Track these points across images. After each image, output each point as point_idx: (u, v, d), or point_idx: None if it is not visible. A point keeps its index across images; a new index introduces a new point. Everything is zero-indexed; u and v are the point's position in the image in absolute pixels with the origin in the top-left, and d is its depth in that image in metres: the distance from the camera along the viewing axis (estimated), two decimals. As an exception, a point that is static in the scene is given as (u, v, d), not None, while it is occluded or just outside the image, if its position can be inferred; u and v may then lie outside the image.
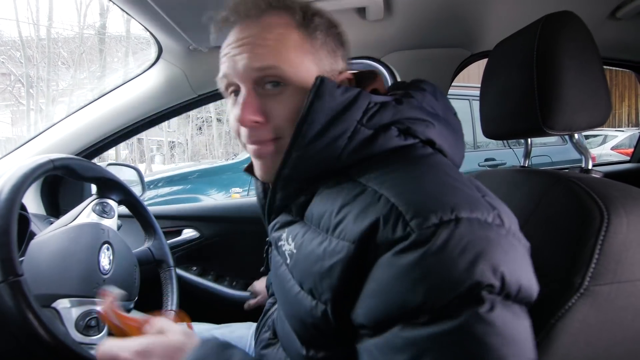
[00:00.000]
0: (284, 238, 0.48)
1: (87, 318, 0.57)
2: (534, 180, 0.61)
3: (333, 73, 0.49)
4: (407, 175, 0.39)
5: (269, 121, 0.46)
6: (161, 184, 3.04)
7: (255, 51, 0.45)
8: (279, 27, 0.46)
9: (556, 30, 0.58)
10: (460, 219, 0.32)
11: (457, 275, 0.30)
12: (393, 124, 0.43)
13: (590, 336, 0.47)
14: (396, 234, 0.33)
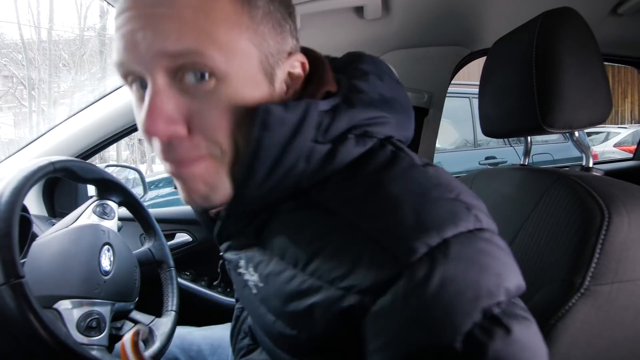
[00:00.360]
0: (243, 265, 0.41)
1: (89, 319, 0.57)
2: (534, 178, 0.60)
3: (280, 58, 0.36)
4: (378, 196, 0.32)
5: (194, 132, 0.33)
6: (162, 184, 3.04)
7: (166, 26, 0.30)
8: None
9: (555, 27, 0.57)
10: (448, 240, 0.28)
11: (463, 314, 0.27)
12: (349, 132, 0.36)
13: (591, 336, 0.47)
14: (385, 275, 0.28)
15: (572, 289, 0.45)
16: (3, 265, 0.46)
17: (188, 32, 0.30)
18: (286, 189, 0.36)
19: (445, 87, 1.14)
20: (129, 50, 0.32)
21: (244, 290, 0.42)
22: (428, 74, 1.12)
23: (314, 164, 0.35)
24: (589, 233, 0.46)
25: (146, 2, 0.31)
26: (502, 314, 0.27)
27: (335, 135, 0.36)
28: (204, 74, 0.32)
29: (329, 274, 0.31)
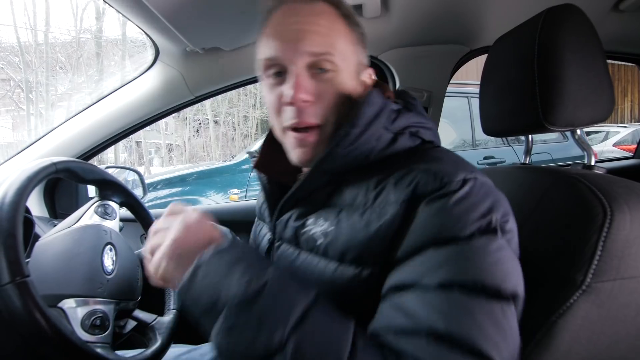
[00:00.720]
0: (311, 223, 0.52)
1: (93, 317, 0.58)
2: (535, 177, 0.60)
3: (362, 66, 0.55)
4: (427, 157, 0.48)
5: (317, 102, 0.51)
6: (160, 186, 3.04)
7: (312, 36, 0.49)
8: (329, 15, 0.51)
9: (558, 24, 0.57)
10: (477, 177, 0.44)
11: (480, 214, 0.42)
12: (406, 128, 0.52)
13: (592, 333, 0.47)
14: (434, 186, 0.43)
15: (574, 286, 0.46)
16: (8, 265, 0.47)
17: (325, 41, 0.50)
18: (361, 157, 0.50)
19: (445, 85, 1.14)
20: (283, 49, 0.50)
21: (298, 258, 0.53)
22: (427, 72, 1.12)
23: (381, 144, 0.50)
24: (591, 230, 0.46)
25: (296, 21, 0.50)
26: (493, 228, 0.42)
27: (397, 128, 0.51)
28: (324, 68, 0.50)
29: (392, 197, 0.45)
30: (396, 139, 0.51)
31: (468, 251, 0.40)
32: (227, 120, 12.50)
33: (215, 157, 11.65)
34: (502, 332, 0.38)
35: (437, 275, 0.39)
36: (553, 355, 0.47)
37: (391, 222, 0.44)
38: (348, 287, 0.46)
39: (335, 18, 0.52)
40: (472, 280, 0.39)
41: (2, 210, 0.50)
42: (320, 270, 0.48)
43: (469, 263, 0.40)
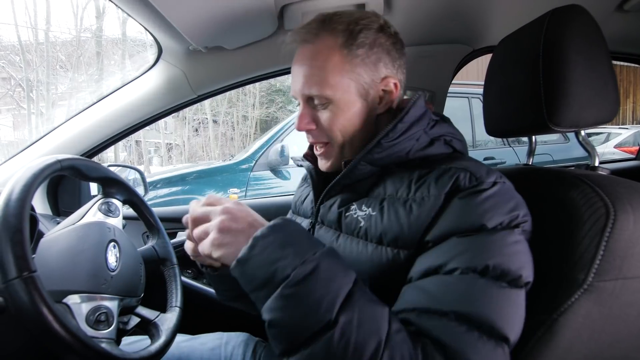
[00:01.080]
0: (354, 209, 0.59)
1: (97, 313, 0.58)
2: (539, 178, 0.60)
3: (373, 83, 0.60)
4: (464, 161, 0.55)
5: (318, 128, 0.61)
6: (160, 185, 3.04)
7: (306, 79, 0.58)
8: (324, 53, 0.57)
9: (563, 25, 0.57)
10: (505, 182, 0.51)
11: (506, 210, 0.48)
12: (442, 136, 0.60)
13: (593, 331, 0.47)
14: (470, 184, 0.50)
15: (576, 285, 0.46)
16: (15, 260, 0.47)
17: (315, 83, 0.58)
18: (403, 153, 0.58)
19: (447, 85, 1.14)
20: (292, 88, 0.62)
21: (338, 239, 0.60)
22: (430, 72, 1.12)
23: (419, 145, 0.58)
24: (594, 230, 0.46)
25: (298, 64, 0.60)
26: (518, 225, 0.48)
27: (434, 134, 0.60)
28: (320, 101, 0.59)
29: (433, 191, 0.51)
30: (433, 143, 0.59)
31: (491, 240, 0.46)
32: (226, 120, 12.50)
33: (214, 156, 11.65)
34: (516, 314, 0.44)
35: (461, 261, 0.45)
36: (554, 352, 0.47)
37: (430, 211, 0.50)
38: (385, 267, 0.52)
39: (332, 52, 0.57)
40: (492, 266, 0.44)
41: (9, 207, 0.50)
42: (359, 249, 0.55)
43: (492, 251, 0.45)
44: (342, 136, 0.60)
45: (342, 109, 0.59)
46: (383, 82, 0.60)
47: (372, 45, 0.58)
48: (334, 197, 0.63)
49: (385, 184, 0.58)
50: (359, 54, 0.58)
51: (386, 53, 0.59)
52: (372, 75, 0.59)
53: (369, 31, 0.58)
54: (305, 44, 0.59)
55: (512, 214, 0.47)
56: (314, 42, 0.58)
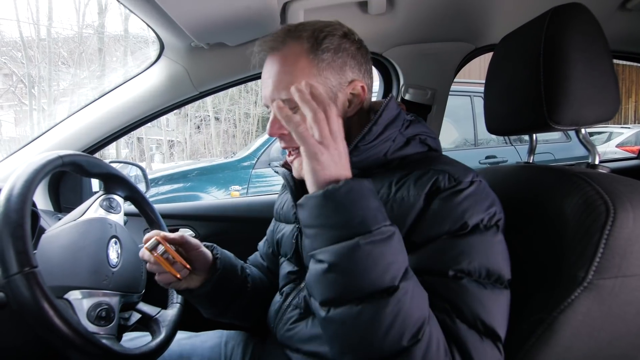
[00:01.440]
0: None
1: (98, 309, 0.58)
2: (539, 176, 0.60)
3: (341, 87, 0.60)
4: (441, 161, 0.57)
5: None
6: (161, 182, 3.05)
7: (275, 84, 0.59)
8: (291, 58, 0.58)
9: (564, 23, 0.57)
10: (481, 180, 0.53)
11: (484, 207, 0.50)
12: (417, 135, 0.62)
13: (593, 329, 0.47)
14: (449, 184, 0.51)
15: (575, 283, 0.46)
16: (17, 255, 0.47)
17: (283, 87, 0.58)
18: (381, 155, 0.59)
19: (449, 83, 1.14)
20: (263, 95, 0.62)
21: None
22: (432, 70, 1.12)
23: (396, 145, 0.60)
24: (594, 228, 0.46)
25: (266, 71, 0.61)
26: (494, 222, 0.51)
27: (409, 134, 0.61)
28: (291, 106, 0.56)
29: (413, 191, 0.53)
30: (409, 143, 0.61)
31: (476, 241, 0.48)
32: (228, 117, 12.50)
33: (216, 153, 11.66)
34: (504, 313, 0.47)
35: (447, 263, 0.48)
36: (554, 350, 0.47)
37: (410, 210, 0.52)
38: None
39: (299, 57, 0.58)
40: (478, 267, 0.47)
41: (10, 202, 0.50)
42: None
43: (476, 252, 0.48)
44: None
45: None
46: (350, 85, 0.61)
47: (337, 50, 0.59)
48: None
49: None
50: (325, 59, 0.59)
51: (351, 57, 0.60)
52: (339, 78, 0.60)
53: (333, 37, 0.59)
54: (273, 51, 0.60)
55: (490, 211, 0.51)
56: (280, 49, 0.59)
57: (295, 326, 0.63)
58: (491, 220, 0.50)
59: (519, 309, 0.50)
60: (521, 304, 0.50)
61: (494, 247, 0.49)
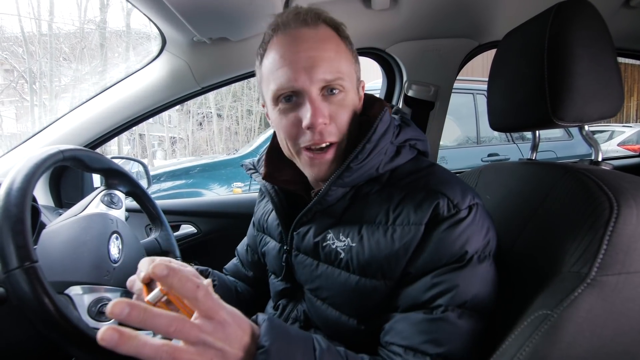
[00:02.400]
0: (330, 238, 0.57)
1: (99, 305, 0.58)
2: (542, 172, 0.60)
3: (359, 80, 0.59)
4: (435, 179, 0.54)
5: (332, 122, 0.54)
6: (164, 179, 3.05)
7: (323, 63, 0.52)
8: (334, 39, 0.54)
9: (569, 19, 0.57)
10: (477, 203, 0.52)
11: (482, 237, 0.51)
12: (407, 142, 0.59)
13: (596, 326, 0.46)
14: (448, 212, 0.50)
15: (578, 279, 0.46)
16: (17, 250, 0.47)
17: (334, 68, 0.53)
18: (372, 170, 0.55)
19: (452, 80, 1.14)
20: (299, 77, 0.52)
21: (318, 268, 0.58)
22: (435, 66, 1.11)
23: (387, 157, 0.56)
24: (598, 225, 0.46)
25: (307, 48, 0.52)
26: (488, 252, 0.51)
27: (399, 142, 0.58)
28: (335, 89, 0.54)
29: (413, 219, 0.51)
30: (399, 152, 0.58)
31: (468, 274, 0.49)
32: (231, 114, 12.50)
33: (218, 150, 11.68)
34: (480, 344, 0.49)
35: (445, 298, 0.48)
36: (556, 346, 0.47)
37: (412, 240, 0.50)
38: (370, 296, 0.53)
39: (339, 41, 0.55)
40: (466, 299, 0.48)
41: (10, 196, 0.50)
42: (342, 281, 0.55)
43: (470, 285, 0.49)
44: (349, 132, 0.56)
45: (350, 101, 0.56)
46: (361, 84, 0.60)
47: (352, 43, 0.59)
48: (307, 224, 0.60)
49: (360, 205, 0.57)
50: (353, 49, 0.58)
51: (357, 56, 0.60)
52: (359, 73, 0.59)
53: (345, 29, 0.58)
54: (307, 27, 0.53)
55: (486, 240, 0.51)
56: (317, 27, 0.53)
57: None
58: (485, 250, 0.51)
59: (522, 305, 0.50)
60: (524, 300, 0.50)
61: (485, 278, 0.50)
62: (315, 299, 0.60)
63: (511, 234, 0.59)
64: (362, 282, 0.53)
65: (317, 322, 0.60)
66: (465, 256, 0.49)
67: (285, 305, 0.67)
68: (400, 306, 0.51)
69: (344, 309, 0.56)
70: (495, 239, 0.53)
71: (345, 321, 0.56)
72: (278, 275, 0.68)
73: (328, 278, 0.57)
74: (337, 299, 0.56)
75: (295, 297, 0.66)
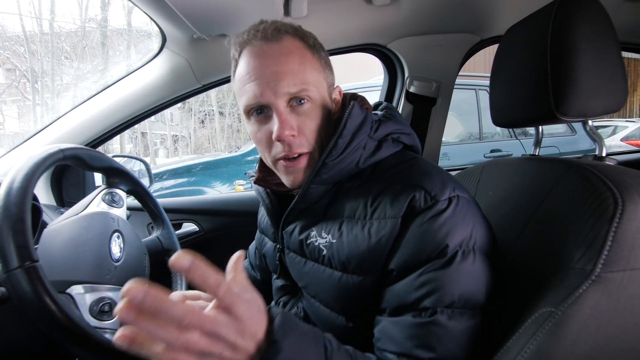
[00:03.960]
0: (314, 236, 0.57)
1: (101, 304, 0.58)
2: (545, 168, 0.60)
3: (332, 86, 0.60)
4: (414, 172, 0.54)
5: (301, 133, 0.55)
6: (166, 177, 3.05)
7: (287, 77, 0.53)
8: (297, 50, 0.54)
9: (572, 13, 0.56)
10: (458, 195, 0.51)
11: (463, 229, 0.49)
12: (388, 135, 0.58)
13: (600, 323, 0.46)
14: (425, 205, 0.49)
15: (583, 276, 0.45)
16: (17, 249, 0.46)
17: (298, 80, 0.53)
18: (352, 165, 0.55)
19: (454, 76, 1.13)
20: (264, 92, 0.53)
21: (305, 266, 0.59)
22: (437, 62, 1.11)
23: (367, 152, 0.56)
24: (602, 221, 0.46)
25: (270, 63, 0.53)
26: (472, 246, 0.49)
27: (380, 136, 0.57)
28: (303, 100, 0.54)
29: (390, 212, 0.50)
30: (380, 146, 0.57)
31: (455, 271, 0.47)
32: (233, 111, 12.50)
33: (220, 148, 11.69)
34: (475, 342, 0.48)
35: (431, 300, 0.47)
36: (561, 343, 0.47)
37: (389, 235, 0.50)
38: (354, 292, 0.52)
39: (303, 52, 0.55)
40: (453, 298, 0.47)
41: (11, 195, 0.50)
42: (326, 277, 0.55)
43: (456, 283, 0.47)
44: (320, 141, 0.56)
45: (319, 110, 0.56)
46: (334, 89, 0.61)
47: (324, 49, 0.59)
48: (293, 223, 0.62)
49: (342, 204, 0.56)
50: (322, 56, 0.58)
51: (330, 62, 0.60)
52: (331, 79, 0.60)
53: (315, 39, 0.58)
54: (269, 42, 0.53)
55: (468, 233, 0.49)
56: (280, 41, 0.54)
57: None
58: (469, 244, 0.49)
59: (526, 302, 0.50)
60: (528, 297, 0.50)
61: (472, 274, 0.48)
62: (309, 296, 0.61)
63: (514, 230, 0.59)
64: (344, 278, 0.53)
65: (314, 319, 0.61)
66: (446, 250, 0.47)
67: (286, 302, 0.68)
68: (387, 307, 0.50)
69: (332, 306, 0.56)
70: (485, 233, 0.51)
71: (335, 318, 0.56)
72: (275, 272, 0.70)
73: (314, 275, 0.57)
74: (324, 295, 0.57)
75: (295, 295, 0.67)
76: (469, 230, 0.49)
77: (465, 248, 0.48)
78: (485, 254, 0.50)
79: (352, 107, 0.55)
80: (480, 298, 0.49)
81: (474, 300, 0.48)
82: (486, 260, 0.50)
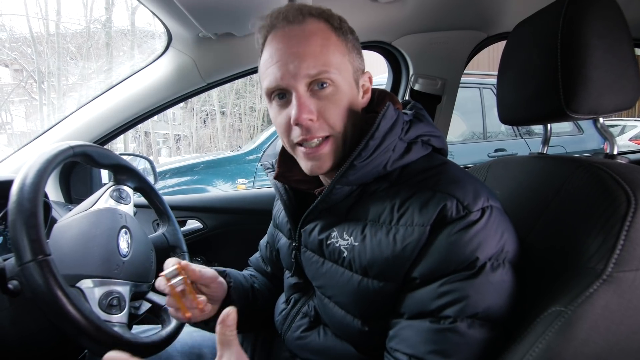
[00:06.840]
0: (335, 236, 0.56)
1: (110, 297, 0.59)
2: (554, 166, 0.59)
3: (360, 72, 0.57)
4: (445, 178, 0.51)
5: (320, 118, 0.53)
6: (169, 175, 3.07)
7: (307, 59, 0.51)
8: (321, 32, 0.53)
9: (583, 8, 0.55)
10: (492, 205, 0.48)
11: (495, 243, 0.47)
12: (418, 137, 0.56)
13: (611, 322, 0.45)
14: (457, 215, 0.47)
15: (594, 276, 0.44)
16: (30, 243, 0.47)
17: (318, 62, 0.51)
18: (379, 168, 0.53)
19: (460, 73, 1.12)
20: (284, 75, 0.52)
21: (323, 266, 0.58)
22: (442, 59, 1.10)
23: (397, 154, 0.54)
24: (614, 219, 0.45)
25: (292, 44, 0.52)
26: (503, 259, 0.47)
27: (410, 138, 0.55)
28: (324, 84, 0.52)
29: (417, 220, 0.48)
30: (410, 148, 0.55)
31: (480, 284, 0.45)
32: (234, 111, 12.53)
33: (222, 147, 11.72)
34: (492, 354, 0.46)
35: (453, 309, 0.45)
36: (571, 343, 0.46)
37: (416, 243, 0.48)
38: (374, 298, 0.51)
39: (327, 34, 0.53)
40: (477, 310, 0.45)
41: (24, 191, 0.51)
42: (345, 280, 0.54)
43: (479, 295, 0.45)
44: (344, 127, 0.55)
45: (343, 95, 0.54)
46: (363, 75, 0.58)
47: (352, 32, 0.57)
48: (313, 222, 0.61)
49: (366, 206, 0.55)
50: (349, 39, 0.56)
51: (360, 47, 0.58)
52: (360, 64, 0.57)
53: (346, 23, 0.56)
54: (291, 25, 0.53)
55: (500, 246, 0.47)
56: (303, 23, 0.53)
57: (307, 335, 0.62)
58: (499, 258, 0.47)
59: (534, 301, 0.49)
60: (538, 296, 0.49)
61: (499, 288, 0.46)
62: (322, 296, 0.60)
63: (522, 229, 0.58)
64: (364, 282, 0.52)
65: (325, 319, 0.60)
66: (475, 263, 0.45)
67: (297, 300, 0.68)
68: (406, 312, 0.49)
69: (348, 309, 0.55)
70: (514, 244, 0.49)
71: (350, 321, 0.55)
72: (289, 270, 0.69)
73: (332, 276, 0.56)
74: (341, 297, 0.56)
75: (307, 293, 0.66)
76: (501, 243, 0.47)
77: (495, 261, 0.46)
78: (514, 265, 0.48)
79: (388, 108, 0.53)
80: (505, 312, 0.46)
81: (498, 314, 0.46)
82: (514, 271, 0.48)
